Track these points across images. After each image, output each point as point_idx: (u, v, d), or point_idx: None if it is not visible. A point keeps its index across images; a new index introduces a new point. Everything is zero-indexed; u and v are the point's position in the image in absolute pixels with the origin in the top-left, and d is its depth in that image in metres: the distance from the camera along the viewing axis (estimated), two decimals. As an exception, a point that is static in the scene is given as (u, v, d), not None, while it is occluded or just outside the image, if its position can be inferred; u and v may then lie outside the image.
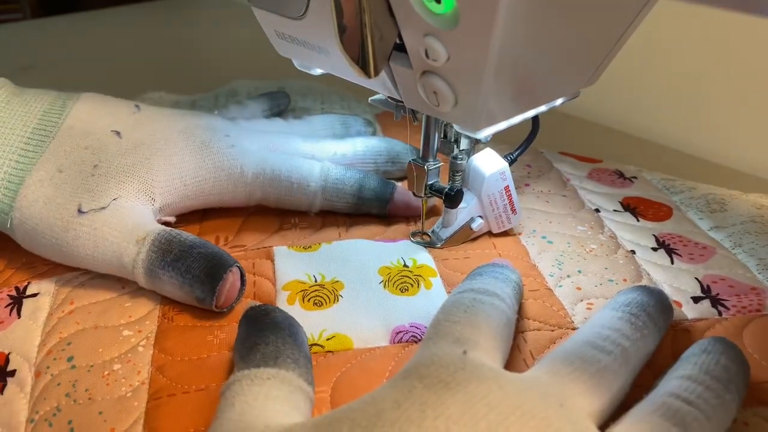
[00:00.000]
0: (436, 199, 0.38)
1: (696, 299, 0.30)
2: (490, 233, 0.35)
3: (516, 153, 0.35)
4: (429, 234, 0.35)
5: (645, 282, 0.32)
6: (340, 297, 0.31)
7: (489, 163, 0.33)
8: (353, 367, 0.27)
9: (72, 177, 0.32)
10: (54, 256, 0.32)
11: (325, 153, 0.39)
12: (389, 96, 0.30)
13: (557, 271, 0.32)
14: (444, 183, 0.33)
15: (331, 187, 0.36)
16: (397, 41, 0.25)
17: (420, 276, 0.32)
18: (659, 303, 0.27)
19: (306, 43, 0.30)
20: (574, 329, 0.29)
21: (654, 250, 0.34)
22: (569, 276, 0.32)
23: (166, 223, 0.34)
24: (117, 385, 0.26)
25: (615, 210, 0.38)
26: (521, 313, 0.29)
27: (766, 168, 0.45)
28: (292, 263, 0.33)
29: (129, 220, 0.31)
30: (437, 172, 0.32)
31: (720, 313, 0.29)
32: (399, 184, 0.38)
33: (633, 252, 0.34)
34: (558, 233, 0.36)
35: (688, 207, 0.39)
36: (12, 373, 0.27)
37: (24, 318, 0.30)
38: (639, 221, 0.37)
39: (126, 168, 0.33)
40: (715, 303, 0.30)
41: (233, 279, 0.29)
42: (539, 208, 0.38)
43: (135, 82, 0.62)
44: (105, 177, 0.32)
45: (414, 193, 0.33)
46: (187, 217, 0.37)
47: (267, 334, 0.25)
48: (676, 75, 0.51)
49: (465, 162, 0.33)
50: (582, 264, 0.33)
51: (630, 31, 0.26)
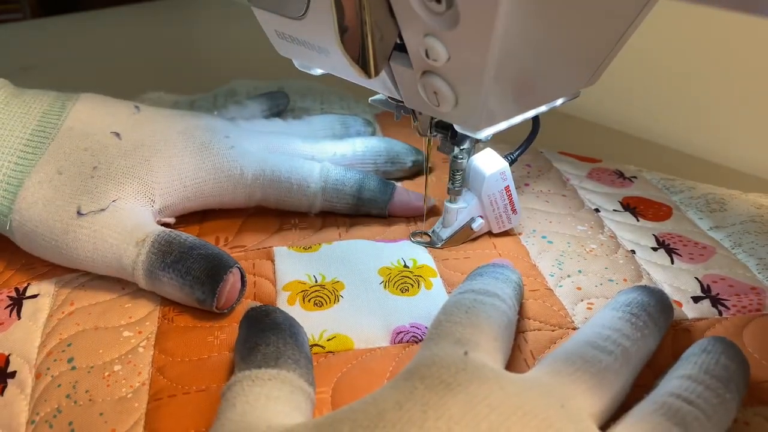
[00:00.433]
0: (436, 199, 0.38)
1: (696, 299, 0.30)
2: (490, 233, 0.35)
3: (516, 153, 0.35)
4: (429, 234, 0.35)
5: (645, 282, 0.32)
6: (340, 297, 0.30)
7: (489, 163, 0.33)
8: (354, 368, 0.27)
9: (71, 179, 0.32)
10: (53, 258, 0.32)
11: (325, 153, 0.39)
12: (389, 96, 0.30)
13: (557, 271, 0.32)
14: (444, 184, 0.33)
15: (331, 188, 0.36)
16: (398, 41, 0.25)
17: (420, 276, 0.32)
18: (659, 303, 0.27)
19: (306, 43, 0.30)
20: (574, 329, 0.29)
21: (654, 249, 0.34)
22: (569, 276, 0.32)
23: (165, 224, 0.34)
24: (117, 386, 0.26)
25: (615, 210, 0.38)
26: (522, 313, 0.29)
27: (765, 168, 0.46)
28: (292, 264, 0.33)
29: (128, 221, 0.31)
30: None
31: (720, 313, 0.29)
32: (399, 184, 0.38)
33: (633, 252, 0.34)
34: (558, 233, 0.36)
35: (687, 207, 0.39)
36: (12, 375, 0.27)
37: (24, 319, 0.30)
38: (639, 221, 0.37)
39: (126, 169, 0.33)
40: (715, 303, 0.30)
41: (234, 280, 0.29)
42: (539, 207, 0.38)
43: (135, 82, 0.62)
44: (104, 179, 0.32)
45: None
46: (187, 218, 0.37)
47: (268, 334, 0.25)
48: (675, 75, 0.51)
49: (465, 162, 0.33)
50: (582, 264, 0.33)
51: (630, 32, 0.26)
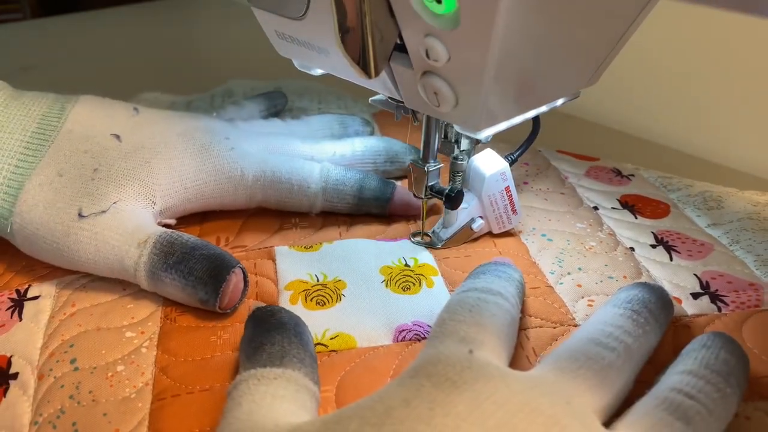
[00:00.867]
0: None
1: (695, 295, 0.31)
2: (490, 233, 0.35)
3: (516, 153, 0.35)
4: (429, 234, 0.35)
5: (645, 279, 0.32)
6: (342, 296, 0.31)
7: (489, 164, 0.33)
8: (357, 366, 0.27)
9: (72, 181, 0.32)
10: (55, 260, 0.32)
11: (324, 154, 0.39)
12: (390, 96, 0.30)
13: (558, 269, 0.33)
14: (444, 184, 0.33)
15: (332, 188, 0.36)
16: (398, 41, 0.25)
17: (422, 275, 0.32)
18: (660, 299, 0.27)
19: (306, 44, 0.30)
20: (575, 326, 0.29)
21: (653, 247, 0.35)
22: (570, 273, 0.32)
23: (166, 226, 0.34)
24: (121, 387, 0.26)
25: (613, 207, 0.38)
26: (523, 311, 0.29)
27: (760, 166, 0.46)
28: (293, 263, 0.33)
29: (130, 223, 0.31)
30: (438, 173, 0.32)
31: (719, 309, 0.30)
32: (399, 183, 0.38)
33: (632, 249, 0.34)
34: (557, 231, 0.36)
35: (685, 204, 0.39)
36: (14, 376, 0.27)
37: (25, 321, 0.30)
38: (637, 218, 0.37)
39: (126, 171, 0.33)
40: (714, 299, 0.30)
41: (236, 280, 0.29)
42: (538, 206, 0.38)
43: (135, 82, 0.62)
44: (105, 181, 0.32)
45: (414, 195, 0.33)
46: (188, 219, 0.37)
47: (273, 334, 0.25)
48: (674, 75, 0.51)
49: (465, 162, 0.33)
50: (582, 261, 0.33)
51: (630, 32, 0.26)
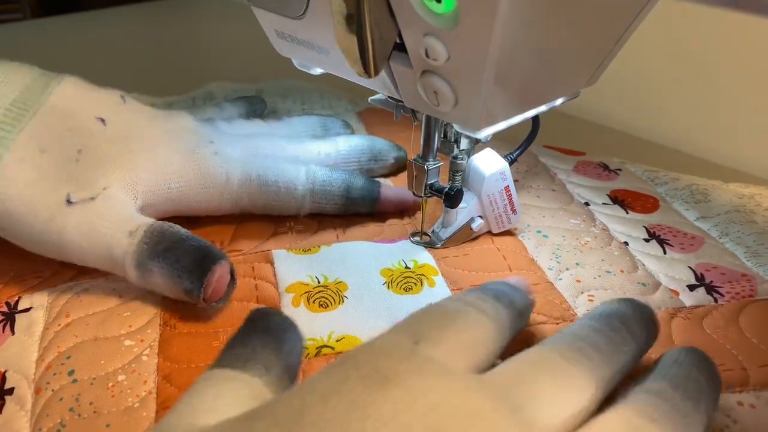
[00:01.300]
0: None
1: (691, 287, 0.31)
2: (489, 233, 0.35)
3: (516, 153, 0.35)
4: (429, 234, 0.35)
5: (641, 272, 0.32)
6: (345, 298, 0.30)
7: (489, 163, 0.33)
8: (366, 368, 0.27)
9: (55, 160, 0.30)
10: (36, 245, 0.30)
11: (309, 153, 0.39)
12: (389, 96, 0.30)
13: (556, 265, 0.33)
14: (444, 182, 0.33)
15: (319, 190, 0.36)
16: (397, 41, 0.25)
17: (423, 275, 0.32)
18: (642, 318, 0.24)
19: (306, 43, 0.29)
20: (578, 321, 0.29)
21: (646, 241, 0.35)
22: (568, 269, 0.33)
23: None
24: (123, 397, 0.26)
25: (604, 203, 0.39)
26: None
27: (742, 161, 0.47)
28: (292, 266, 0.33)
29: (121, 211, 0.30)
30: (437, 171, 0.32)
31: (715, 300, 0.30)
32: (385, 181, 0.38)
33: (626, 243, 0.35)
34: (552, 227, 0.36)
35: (673, 198, 0.40)
36: (10, 391, 0.26)
37: (18, 334, 0.29)
38: (628, 213, 0.38)
39: (111, 157, 0.32)
40: (710, 290, 0.31)
41: (222, 272, 0.29)
42: (531, 203, 0.39)
43: (135, 82, 0.61)
44: (91, 165, 0.31)
45: (414, 193, 0.33)
46: (179, 223, 0.36)
47: (251, 337, 0.24)
48: (675, 75, 0.51)
49: (465, 162, 0.33)
50: (579, 257, 0.34)
51: (630, 31, 0.26)
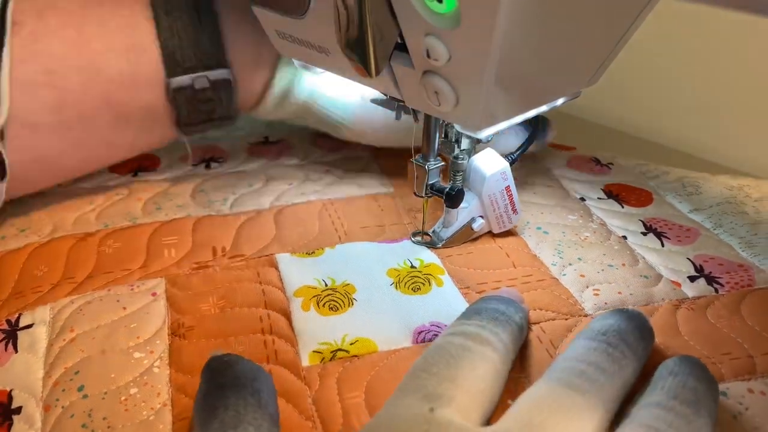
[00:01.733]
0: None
1: (692, 278, 0.32)
2: (490, 233, 0.36)
3: (517, 153, 0.35)
4: (430, 234, 0.35)
5: (642, 266, 0.33)
6: (354, 300, 0.30)
7: (490, 163, 0.33)
8: (382, 370, 0.27)
9: None
10: None
11: None
12: (390, 95, 0.30)
13: (559, 260, 0.33)
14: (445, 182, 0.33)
15: None
16: (398, 41, 0.25)
17: (430, 275, 0.32)
18: (638, 329, 0.25)
19: (307, 43, 0.29)
20: (585, 316, 0.30)
21: (644, 234, 0.36)
22: (571, 264, 0.33)
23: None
24: (137, 410, 0.25)
25: (599, 198, 0.40)
26: (534, 304, 0.30)
27: (726, 156, 0.48)
28: (298, 269, 0.32)
29: None
30: (438, 171, 0.32)
31: (716, 290, 0.31)
32: None
33: (624, 237, 0.36)
34: (551, 224, 0.37)
35: (665, 191, 0.41)
36: (18, 411, 0.25)
37: (22, 352, 0.28)
38: (624, 207, 0.39)
39: None
40: (710, 281, 0.32)
41: None
42: (528, 199, 0.39)
43: None
44: None
45: (415, 193, 0.33)
46: (178, 230, 0.35)
47: (228, 395, 0.23)
48: (674, 75, 0.52)
49: (466, 162, 0.33)
50: (580, 252, 0.34)
51: (632, 31, 0.27)
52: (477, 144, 0.33)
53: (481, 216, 0.34)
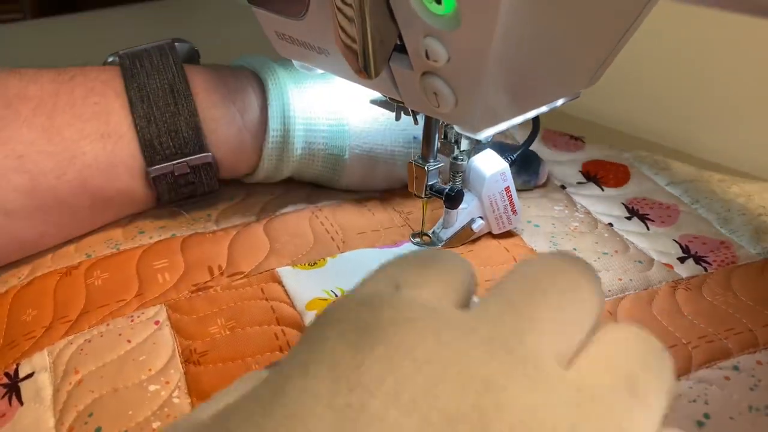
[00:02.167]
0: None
1: (681, 259, 0.34)
2: (490, 233, 0.36)
3: (516, 153, 0.36)
4: (429, 235, 0.35)
5: (632, 251, 0.35)
6: (366, 310, 0.30)
7: (489, 164, 0.33)
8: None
9: None
10: None
11: None
12: (390, 96, 0.30)
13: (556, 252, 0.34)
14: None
15: None
16: (398, 42, 0.25)
17: (436, 276, 0.32)
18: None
19: (306, 44, 0.29)
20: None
21: (628, 219, 0.37)
22: (568, 254, 0.34)
23: None
24: (164, 447, 0.24)
25: (579, 182, 0.41)
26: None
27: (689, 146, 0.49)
28: (303, 282, 0.32)
29: None
30: (437, 172, 0.33)
31: (705, 269, 0.33)
32: None
33: (611, 225, 0.37)
34: (540, 216, 0.38)
35: (640, 163, 0.42)
36: (33, 463, 0.24)
37: (27, 403, 0.26)
38: (604, 190, 0.40)
39: None
40: (698, 260, 0.34)
41: None
42: (512, 192, 0.40)
43: None
44: None
45: (415, 194, 0.33)
46: (166, 251, 0.34)
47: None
48: (675, 75, 0.52)
49: (465, 163, 0.33)
50: (574, 242, 0.35)
51: (631, 32, 0.27)
52: (476, 145, 0.33)
53: (481, 217, 0.34)
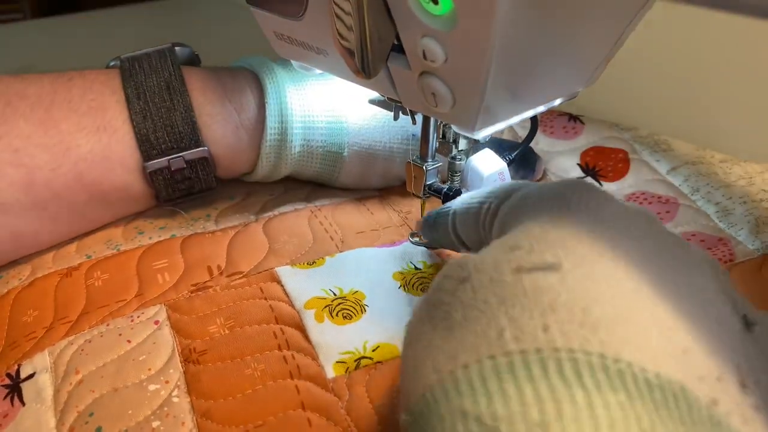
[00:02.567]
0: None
1: (680, 255, 0.34)
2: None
3: (515, 153, 0.36)
4: (428, 233, 0.35)
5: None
6: (365, 307, 0.30)
7: (487, 164, 0.33)
8: (408, 373, 0.27)
9: None
10: None
11: None
12: (388, 96, 0.30)
13: (554, 245, 0.34)
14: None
15: None
16: (395, 42, 0.25)
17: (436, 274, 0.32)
18: None
19: (305, 44, 0.29)
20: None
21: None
22: (567, 248, 0.34)
23: None
24: (164, 445, 0.24)
25: (577, 177, 0.41)
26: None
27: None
28: (302, 281, 0.32)
29: None
30: (436, 172, 0.33)
31: (704, 264, 0.33)
32: None
33: (610, 220, 0.37)
34: (539, 210, 0.38)
35: (642, 146, 0.41)
36: (35, 463, 0.24)
37: (29, 404, 0.26)
38: (602, 185, 0.40)
39: None
40: (697, 255, 0.33)
41: None
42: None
43: None
44: None
45: (413, 194, 0.33)
46: (166, 252, 0.34)
47: None
48: (674, 76, 0.52)
49: (463, 162, 0.33)
50: (573, 235, 0.35)
51: (629, 32, 0.27)
52: (474, 144, 0.33)
53: (479, 214, 0.34)
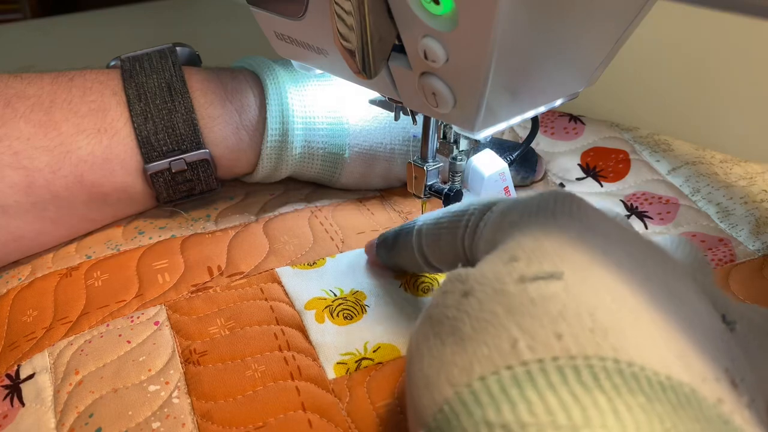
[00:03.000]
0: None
1: (681, 254, 0.34)
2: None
3: (516, 153, 0.36)
4: (428, 231, 0.35)
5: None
6: (366, 307, 0.30)
7: (488, 164, 0.33)
8: (409, 374, 0.27)
9: None
10: None
11: None
12: (389, 97, 0.30)
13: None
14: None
15: None
16: (396, 42, 0.25)
17: (436, 276, 0.32)
18: None
19: (305, 44, 0.29)
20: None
21: (627, 217, 0.37)
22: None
23: None
24: (164, 446, 0.24)
25: (577, 178, 0.41)
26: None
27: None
28: (303, 282, 0.32)
29: None
30: (437, 172, 0.33)
31: (705, 264, 0.33)
32: None
33: (611, 220, 0.37)
34: (539, 211, 0.38)
35: (641, 146, 0.41)
36: (34, 464, 0.24)
37: (29, 404, 0.26)
38: (603, 186, 0.40)
39: None
40: (698, 255, 0.34)
41: None
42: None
43: None
44: None
45: (414, 194, 0.33)
46: (166, 252, 0.34)
47: None
48: (674, 76, 0.52)
49: (464, 163, 0.33)
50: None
51: (629, 32, 0.27)
52: (475, 145, 0.33)
53: (479, 215, 0.34)
